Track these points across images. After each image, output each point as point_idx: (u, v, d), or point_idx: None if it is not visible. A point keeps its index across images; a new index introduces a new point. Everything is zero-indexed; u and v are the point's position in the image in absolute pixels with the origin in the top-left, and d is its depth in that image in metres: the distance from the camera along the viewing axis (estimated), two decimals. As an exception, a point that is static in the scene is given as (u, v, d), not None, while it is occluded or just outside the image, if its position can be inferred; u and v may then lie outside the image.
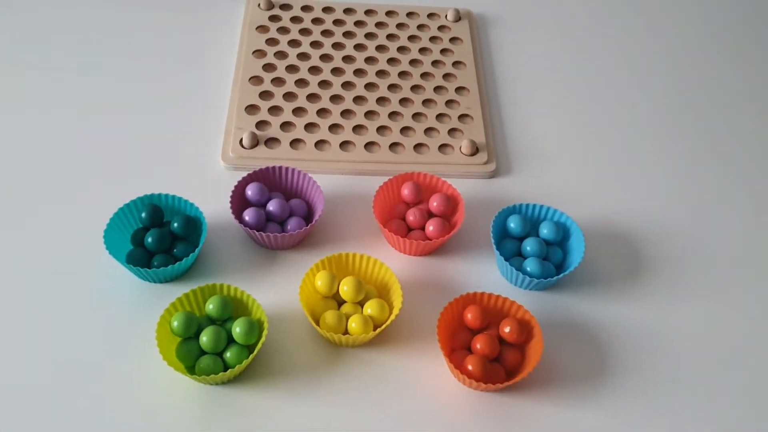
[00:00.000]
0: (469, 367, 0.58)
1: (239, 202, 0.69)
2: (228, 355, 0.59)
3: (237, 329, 0.59)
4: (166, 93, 0.82)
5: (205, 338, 0.58)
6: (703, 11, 1.00)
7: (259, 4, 0.91)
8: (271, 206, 0.68)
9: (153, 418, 0.57)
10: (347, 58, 0.86)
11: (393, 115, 0.80)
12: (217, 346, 0.59)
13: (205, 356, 0.59)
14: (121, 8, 0.91)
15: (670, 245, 0.72)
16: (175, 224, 0.65)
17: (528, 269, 0.66)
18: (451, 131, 0.79)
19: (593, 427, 0.59)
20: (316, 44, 0.87)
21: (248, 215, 0.67)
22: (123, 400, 0.57)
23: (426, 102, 0.82)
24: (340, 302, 0.64)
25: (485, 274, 0.69)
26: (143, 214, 0.66)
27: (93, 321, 0.62)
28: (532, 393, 0.60)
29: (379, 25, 0.91)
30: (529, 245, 0.67)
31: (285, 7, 0.92)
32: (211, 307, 0.60)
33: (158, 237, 0.64)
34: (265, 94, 0.81)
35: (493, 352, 0.60)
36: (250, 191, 0.68)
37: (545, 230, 0.68)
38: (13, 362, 0.59)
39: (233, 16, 0.91)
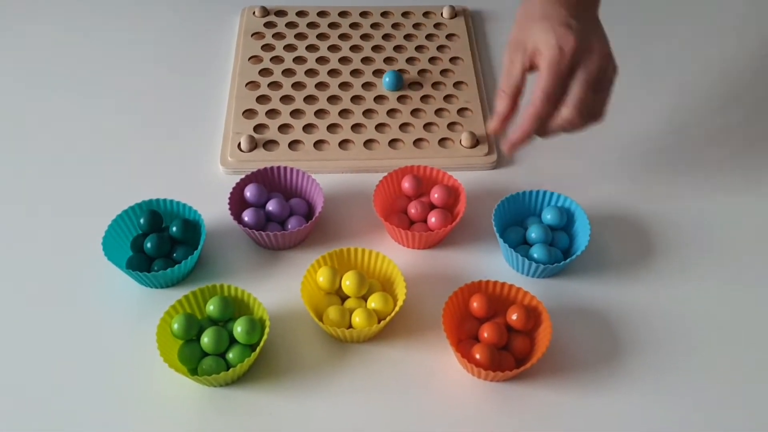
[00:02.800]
0: (477, 356, 0.57)
1: (238, 203, 0.68)
2: (230, 355, 0.58)
3: (238, 328, 0.58)
4: (164, 101, 0.82)
5: (206, 339, 0.58)
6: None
7: (254, 12, 0.91)
8: (271, 206, 0.67)
9: (157, 422, 0.56)
10: (344, 60, 0.86)
11: (391, 112, 0.80)
12: (218, 347, 0.58)
13: (207, 357, 0.58)
14: (120, 18, 0.92)
15: (676, 225, 0.70)
16: (174, 228, 0.65)
17: (534, 256, 0.64)
18: (451, 125, 0.78)
19: (606, 412, 0.57)
20: (311, 48, 0.87)
21: (248, 216, 0.66)
22: (127, 406, 0.57)
23: (424, 98, 0.81)
24: (343, 298, 0.63)
25: (491, 264, 0.67)
26: (142, 220, 0.65)
27: (94, 328, 0.61)
28: (542, 381, 0.59)
29: (374, 26, 0.91)
30: (534, 232, 0.66)
31: (280, 13, 0.92)
32: (211, 307, 0.59)
33: (157, 241, 0.64)
34: (262, 98, 0.80)
35: (501, 340, 0.58)
36: (249, 192, 0.68)
37: (549, 216, 0.67)
38: (15, 370, 0.58)
39: (229, 25, 0.91)
